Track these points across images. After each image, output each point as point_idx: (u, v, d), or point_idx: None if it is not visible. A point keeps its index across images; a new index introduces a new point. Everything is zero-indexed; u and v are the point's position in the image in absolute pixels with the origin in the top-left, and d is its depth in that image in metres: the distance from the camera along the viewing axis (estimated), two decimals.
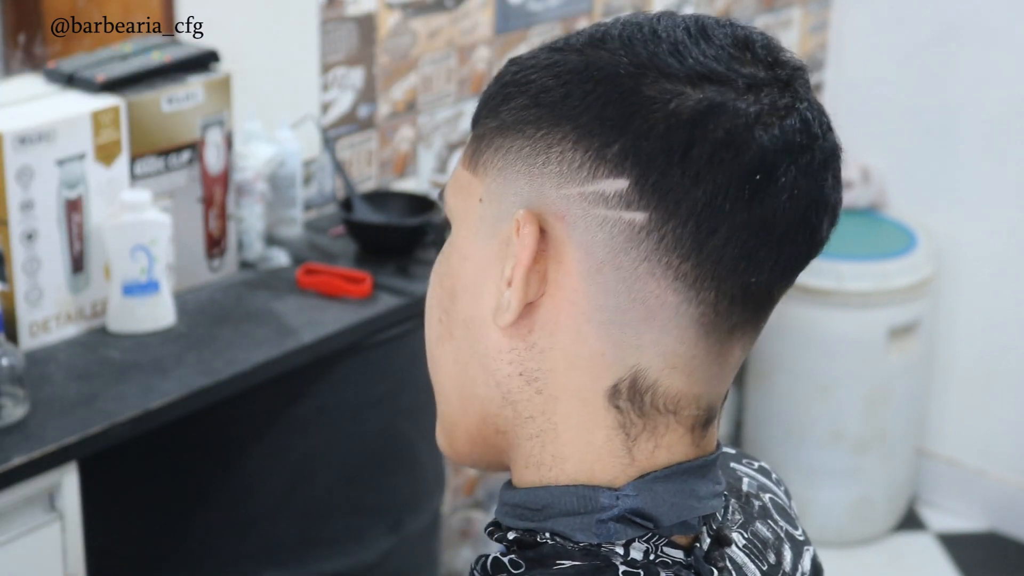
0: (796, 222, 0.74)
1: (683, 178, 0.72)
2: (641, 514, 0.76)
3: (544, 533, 0.77)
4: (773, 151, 0.73)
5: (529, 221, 0.75)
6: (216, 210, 2.13)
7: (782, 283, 0.77)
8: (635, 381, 0.75)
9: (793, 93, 0.75)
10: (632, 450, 0.76)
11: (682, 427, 0.77)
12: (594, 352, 0.75)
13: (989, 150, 3.22)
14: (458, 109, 2.67)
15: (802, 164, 0.74)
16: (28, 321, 1.90)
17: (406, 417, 2.19)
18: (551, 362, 0.76)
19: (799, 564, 0.88)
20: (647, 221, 0.73)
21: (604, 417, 0.76)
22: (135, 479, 2.08)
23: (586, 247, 0.74)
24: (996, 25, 3.16)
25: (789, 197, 0.74)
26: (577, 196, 0.74)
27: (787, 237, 0.74)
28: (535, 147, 0.75)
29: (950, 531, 3.33)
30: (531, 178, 0.76)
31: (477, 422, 0.81)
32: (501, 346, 0.77)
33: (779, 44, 0.78)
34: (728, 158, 0.72)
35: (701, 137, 0.72)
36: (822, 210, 0.75)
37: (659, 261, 0.73)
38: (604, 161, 0.73)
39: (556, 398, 0.77)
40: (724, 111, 0.73)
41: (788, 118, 0.74)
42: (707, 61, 0.74)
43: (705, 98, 0.73)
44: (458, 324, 0.79)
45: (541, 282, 0.75)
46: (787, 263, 0.75)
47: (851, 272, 3.11)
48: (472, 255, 0.79)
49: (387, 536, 2.20)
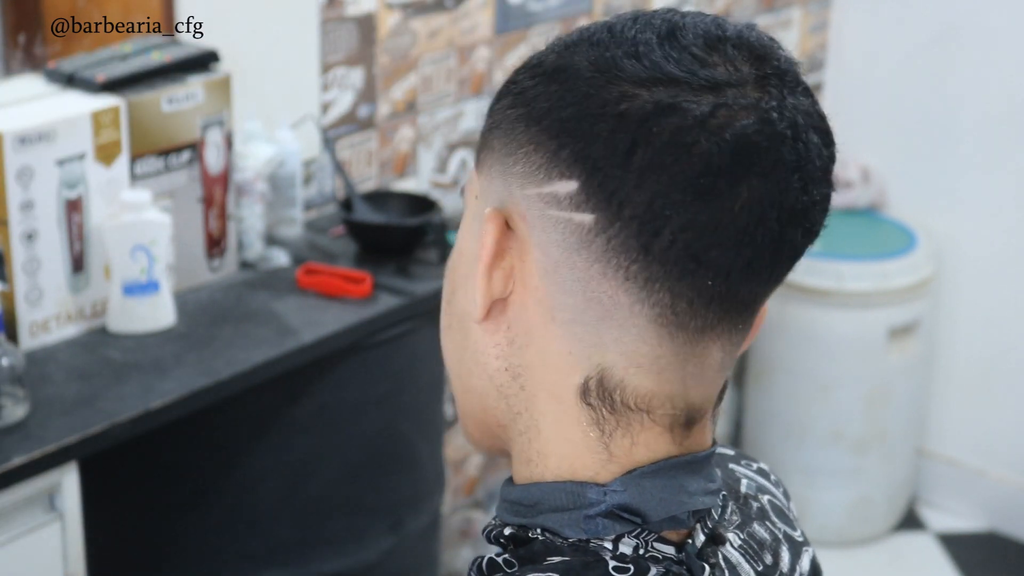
0: (753, 224, 0.73)
1: (626, 180, 0.73)
2: (629, 509, 0.76)
3: (535, 529, 0.78)
4: (720, 154, 0.72)
5: (492, 219, 0.77)
6: (216, 210, 2.14)
7: (751, 286, 0.76)
8: (602, 379, 0.76)
9: (765, 92, 0.74)
10: (609, 446, 0.77)
11: (659, 426, 0.77)
12: (561, 350, 0.77)
13: (989, 150, 3.22)
14: (458, 109, 2.67)
15: (761, 166, 0.73)
16: (28, 321, 1.90)
17: (406, 417, 2.19)
18: (528, 359, 0.78)
19: (797, 565, 0.88)
20: (594, 223, 0.74)
21: (578, 414, 0.77)
22: (135, 479, 2.08)
23: (543, 246, 0.76)
24: (996, 25, 3.16)
25: (742, 199, 0.72)
26: (536, 196, 0.75)
27: (744, 240, 0.73)
28: (509, 147, 0.77)
29: (950, 531, 3.33)
30: (504, 177, 0.77)
31: (480, 412, 0.82)
32: (487, 340, 0.79)
33: (768, 43, 0.76)
34: (670, 161, 0.72)
35: (645, 139, 0.72)
36: (785, 212, 0.74)
37: (608, 262, 0.74)
38: (558, 162, 0.74)
39: (535, 395, 0.78)
40: (673, 112, 0.72)
41: (746, 118, 0.73)
42: (663, 62, 0.74)
43: (654, 100, 0.73)
44: (456, 317, 0.82)
45: (507, 279, 0.77)
46: (752, 266, 0.74)
47: (851, 272, 3.11)
48: (465, 250, 0.81)
49: (387, 536, 2.20)
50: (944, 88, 3.24)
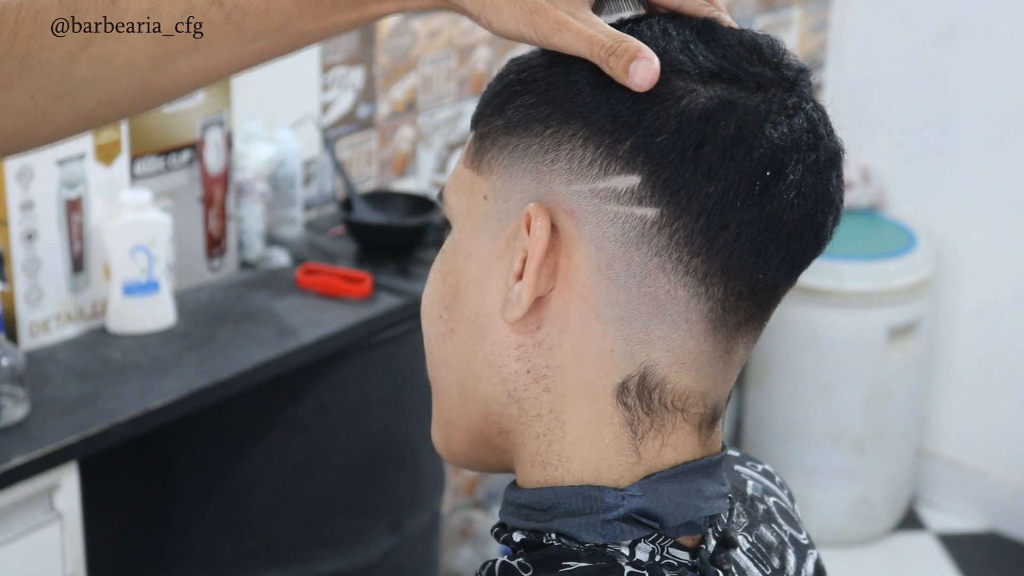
0: (803, 219, 0.75)
1: (695, 174, 0.73)
2: (647, 514, 0.75)
3: (550, 534, 0.77)
4: (783, 148, 0.74)
5: (541, 215, 0.75)
6: (216, 210, 2.13)
7: (787, 281, 0.77)
8: (644, 378, 0.76)
9: (799, 94, 0.76)
10: (639, 448, 0.76)
11: (689, 425, 0.77)
12: (603, 348, 0.76)
13: (989, 150, 3.22)
14: (458, 109, 2.67)
15: (809, 162, 0.75)
16: (28, 321, 1.90)
17: (406, 417, 2.19)
18: (560, 359, 0.76)
19: (803, 568, 0.88)
20: (659, 217, 0.73)
21: (612, 415, 0.76)
22: (135, 479, 2.08)
23: (597, 242, 0.74)
24: (996, 25, 3.16)
25: (797, 194, 0.74)
26: (588, 192, 0.74)
27: (795, 234, 0.75)
28: (543, 144, 0.76)
29: (950, 531, 3.33)
30: (539, 175, 0.76)
31: (479, 421, 0.80)
32: (509, 342, 0.77)
33: (783, 47, 0.78)
34: (740, 154, 0.73)
35: (713, 134, 0.73)
36: (827, 208, 0.76)
37: (670, 256, 0.74)
38: (616, 158, 0.74)
39: (564, 396, 0.77)
40: (735, 108, 0.74)
41: (796, 117, 0.75)
42: (718, 59, 0.75)
43: (716, 95, 0.74)
44: (461, 321, 0.79)
45: (550, 277, 0.76)
46: (794, 260, 0.76)
47: (851, 272, 3.11)
48: (477, 252, 0.79)
49: (387, 536, 2.20)
50: (944, 88, 3.24)
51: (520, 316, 0.76)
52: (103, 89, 0.86)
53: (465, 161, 0.80)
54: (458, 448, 0.83)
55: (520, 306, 0.76)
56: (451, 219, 0.81)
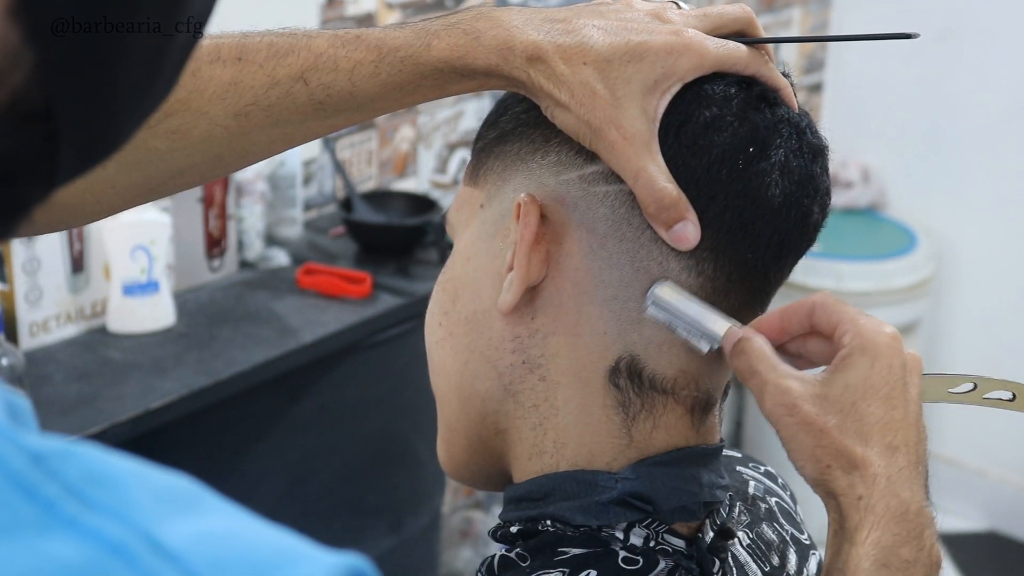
0: (788, 198, 0.77)
1: (680, 149, 0.76)
2: (640, 497, 0.77)
3: (545, 520, 0.78)
4: (765, 127, 0.77)
5: (530, 202, 0.77)
6: (216, 210, 2.13)
7: (776, 265, 0.79)
8: (635, 358, 0.77)
9: (780, 100, 0.80)
10: (631, 430, 0.78)
11: (681, 407, 0.78)
12: (596, 331, 0.77)
13: (989, 150, 3.22)
14: (458, 109, 2.67)
15: (792, 147, 0.77)
16: (28, 321, 1.90)
17: (406, 417, 2.19)
18: (554, 346, 0.78)
19: (805, 568, 0.88)
20: None
21: (603, 397, 0.78)
22: None
23: (588, 224, 0.77)
24: (996, 25, 3.16)
25: (781, 174, 0.76)
26: (576, 179, 0.77)
27: (780, 213, 0.77)
28: (534, 143, 0.79)
29: (950, 531, 3.33)
30: (529, 172, 0.79)
31: (477, 423, 0.82)
32: (505, 335, 0.79)
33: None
34: (722, 129, 0.76)
35: (695, 116, 0.76)
36: (813, 193, 0.78)
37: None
38: None
39: (558, 383, 0.78)
40: (715, 97, 0.77)
41: (778, 108, 0.78)
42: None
43: (696, 87, 0.77)
44: (459, 323, 0.81)
45: (542, 264, 0.77)
46: (782, 242, 0.78)
47: (851, 272, 3.11)
48: (474, 255, 0.81)
49: (387, 536, 2.20)
50: (944, 88, 3.24)
51: (513, 303, 0.77)
52: (176, 161, 0.85)
53: (465, 180, 0.83)
54: (460, 457, 0.85)
55: (512, 291, 0.77)
56: (452, 236, 0.84)
